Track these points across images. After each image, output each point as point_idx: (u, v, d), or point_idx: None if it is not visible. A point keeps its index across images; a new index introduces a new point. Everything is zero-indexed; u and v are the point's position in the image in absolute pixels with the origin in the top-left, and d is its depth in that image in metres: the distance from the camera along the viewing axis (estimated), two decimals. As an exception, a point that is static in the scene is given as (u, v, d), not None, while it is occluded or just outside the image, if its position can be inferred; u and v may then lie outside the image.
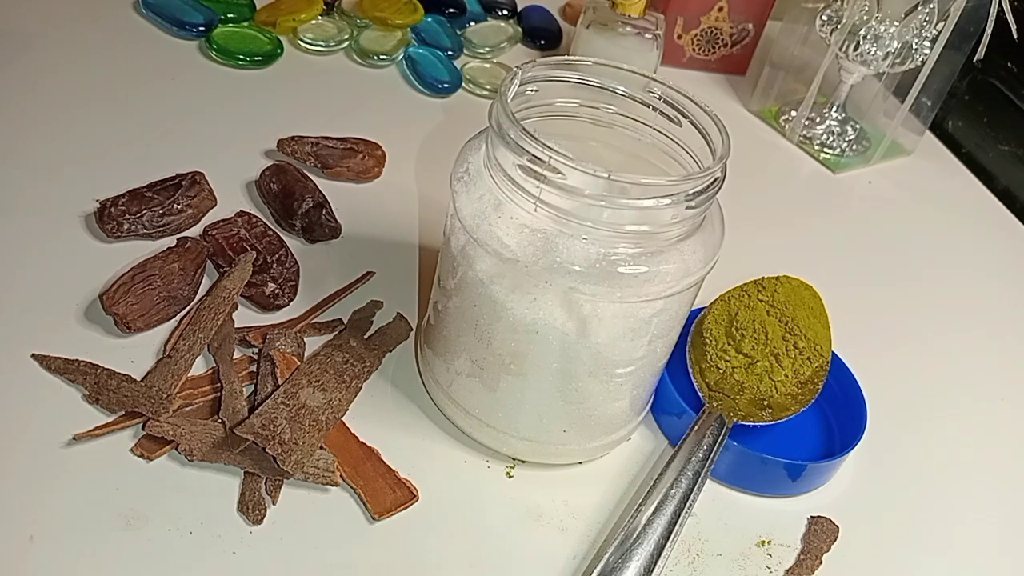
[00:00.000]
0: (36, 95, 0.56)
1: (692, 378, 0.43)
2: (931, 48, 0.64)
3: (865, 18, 0.64)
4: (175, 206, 0.47)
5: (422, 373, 0.43)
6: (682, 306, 0.37)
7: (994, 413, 0.50)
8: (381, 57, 0.66)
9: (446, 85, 0.65)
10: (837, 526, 0.41)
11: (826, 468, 0.42)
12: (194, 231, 0.48)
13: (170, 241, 0.46)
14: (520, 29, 0.75)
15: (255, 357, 0.42)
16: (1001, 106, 0.74)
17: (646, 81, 0.38)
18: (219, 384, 0.40)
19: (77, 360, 0.40)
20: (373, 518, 0.37)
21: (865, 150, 0.70)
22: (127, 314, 0.41)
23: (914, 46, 0.64)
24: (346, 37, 0.67)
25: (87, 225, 0.47)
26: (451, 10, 0.72)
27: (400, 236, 0.52)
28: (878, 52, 0.64)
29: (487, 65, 0.69)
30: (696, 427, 0.40)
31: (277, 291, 0.45)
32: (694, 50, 0.76)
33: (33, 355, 0.40)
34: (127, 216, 0.46)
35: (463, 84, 0.67)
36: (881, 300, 0.57)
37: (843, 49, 0.65)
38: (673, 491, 0.37)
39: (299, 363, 0.41)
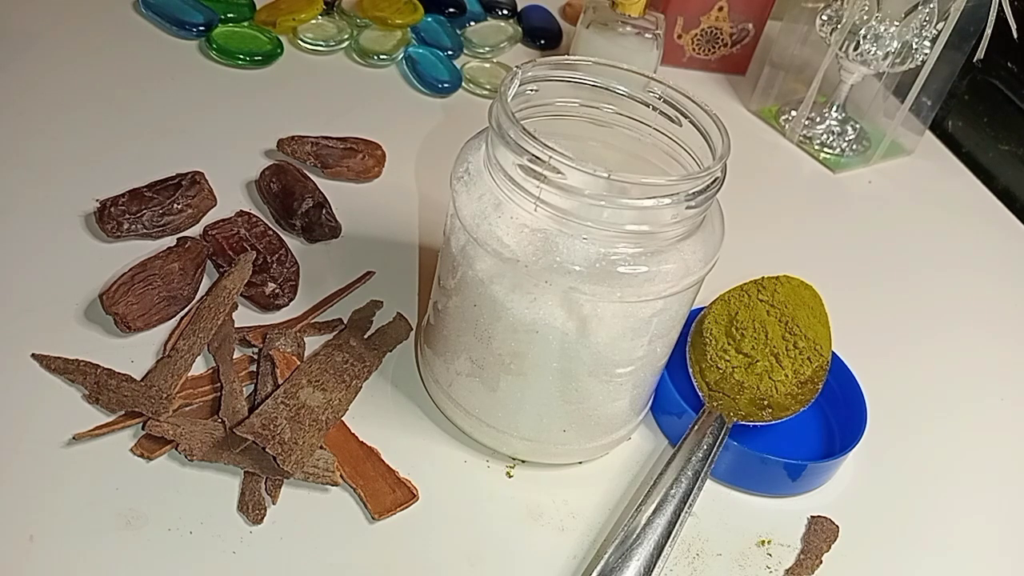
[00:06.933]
0: (36, 95, 0.56)
1: (692, 378, 0.43)
2: (931, 48, 0.64)
3: (865, 18, 0.64)
4: (175, 206, 0.47)
5: (422, 373, 0.43)
6: (682, 306, 0.37)
7: (994, 413, 0.50)
8: (381, 57, 0.66)
9: (446, 85, 0.65)
10: (837, 526, 0.41)
11: (826, 468, 0.42)
12: (194, 231, 0.48)
13: (170, 241, 0.46)
14: (520, 29, 0.75)
15: (255, 357, 0.42)
16: (1001, 106, 0.74)
17: (646, 81, 0.38)
18: (219, 384, 0.40)
19: (77, 360, 0.40)
20: (373, 518, 0.37)
21: (865, 150, 0.70)
22: (127, 314, 0.41)
23: (914, 46, 0.64)
24: (346, 37, 0.67)
25: (87, 225, 0.47)
26: (451, 10, 0.72)
27: (400, 236, 0.52)
28: (878, 52, 0.64)
29: (487, 65, 0.69)
30: (696, 427, 0.40)
31: (277, 291, 0.45)
32: (694, 50, 0.76)
33: (33, 355, 0.40)
34: (127, 216, 0.46)
35: (463, 84, 0.67)
36: (881, 300, 0.57)
37: (843, 49, 0.65)
38: (673, 491, 0.37)
39: (299, 363, 0.41)
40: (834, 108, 0.70)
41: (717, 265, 0.37)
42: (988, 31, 0.61)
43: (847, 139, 0.70)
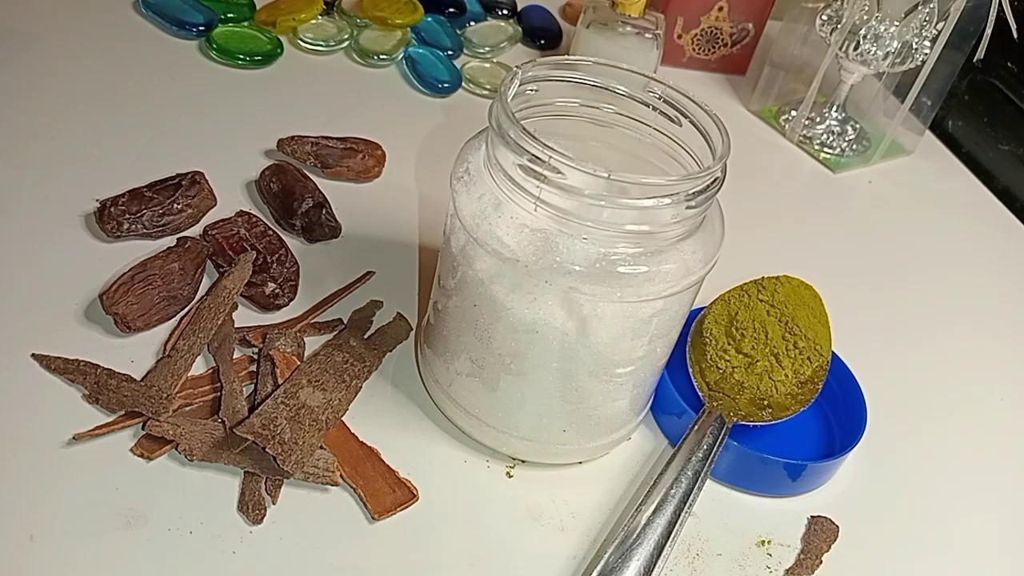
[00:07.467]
0: (36, 95, 0.56)
1: (692, 378, 0.43)
2: (931, 48, 0.64)
3: (865, 18, 0.64)
4: (175, 206, 0.47)
5: (422, 373, 0.43)
6: (682, 306, 0.37)
7: (994, 413, 0.50)
8: (381, 57, 0.66)
9: (446, 85, 0.65)
10: (837, 526, 0.41)
11: (826, 468, 0.42)
12: (194, 231, 0.48)
13: (170, 241, 0.46)
14: (520, 29, 0.75)
15: (255, 357, 0.42)
16: (1001, 106, 0.74)
17: (646, 81, 0.38)
18: (219, 384, 0.40)
19: (77, 360, 0.40)
20: (373, 518, 0.37)
21: (865, 150, 0.70)
22: (127, 314, 0.41)
23: (914, 46, 0.64)
24: (346, 37, 0.67)
25: (87, 225, 0.47)
26: (451, 10, 0.72)
27: (400, 236, 0.52)
28: (878, 52, 0.64)
29: (487, 65, 0.69)
30: (696, 427, 0.40)
31: (277, 291, 0.45)
32: (694, 50, 0.76)
33: (33, 355, 0.40)
34: (127, 216, 0.46)
35: (463, 84, 0.67)
36: (881, 300, 0.57)
37: (843, 49, 0.65)
38: (673, 491, 0.37)
39: (299, 363, 0.41)
40: (834, 108, 0.70)
41: (717, 265, 0.37)
42: (988, 31, 0.61)
43: (847, 139, 0.70)
